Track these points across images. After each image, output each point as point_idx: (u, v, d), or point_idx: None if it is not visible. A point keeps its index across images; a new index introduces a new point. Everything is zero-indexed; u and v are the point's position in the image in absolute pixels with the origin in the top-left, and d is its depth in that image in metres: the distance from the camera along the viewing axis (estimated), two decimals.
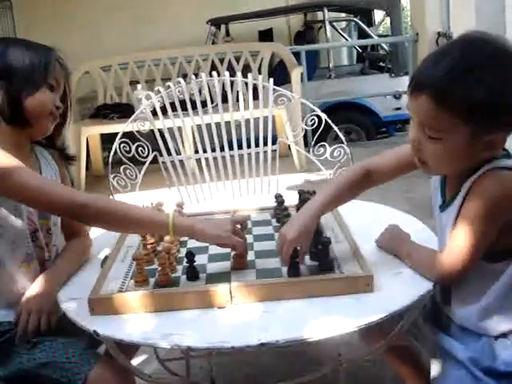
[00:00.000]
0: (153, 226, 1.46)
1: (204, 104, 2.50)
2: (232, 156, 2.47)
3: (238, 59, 5.41)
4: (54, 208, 1.44)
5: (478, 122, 1.21)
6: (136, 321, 1.28)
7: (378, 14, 8.19)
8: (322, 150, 2.34)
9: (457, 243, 1.30)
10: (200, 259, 1.46)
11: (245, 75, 2.53)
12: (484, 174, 1.27)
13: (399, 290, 1.32)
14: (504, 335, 1.34)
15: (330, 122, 2.34)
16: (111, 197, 2.28)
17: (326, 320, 1.23)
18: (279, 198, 1.77)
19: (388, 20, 7.24)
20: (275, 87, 2.42)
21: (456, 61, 1.22)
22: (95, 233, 1.74)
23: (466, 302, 1.36)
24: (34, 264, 1.56)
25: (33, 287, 1.51)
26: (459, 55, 1.23)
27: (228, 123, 2.48)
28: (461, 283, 1.35)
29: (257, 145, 2.46)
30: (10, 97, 1.50)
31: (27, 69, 1.51)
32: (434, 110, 1.22)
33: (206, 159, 2.49)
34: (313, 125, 2.37)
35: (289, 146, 4.81)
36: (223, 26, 7.08)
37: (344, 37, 7.30)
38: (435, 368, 1.49)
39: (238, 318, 1.26)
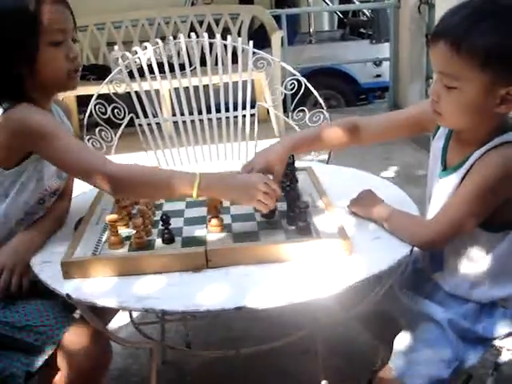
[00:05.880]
0: (180, 187, 1.36)
1: (182, 67, 2.45)
2: (210, 119, 2.44)
3: (217, 22, 5.33)
4: (87, 177, 1.39)
5: (494, 71, 1.20)
6: (110, 284, 1.26)
7: None
8: (301, 114, 2.32)
9: (449, 214, 1.30)
10: (176, 222, 1.45)
11: (224, 38, 2.48)
12: (490, 150, 1.26)
13: (377, 254, 1.32)
14: (493, 303, 1.36)
15: (309, 86, 2.31)
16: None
17: (302, 284, 1.22)
18: None
19: None
20: (255, 50, 2.38)
21: (474, 10, 1.23)
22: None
23: (459, 269, 1.38)
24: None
25: (10, 244, 1.46)
26: (477, 6, 1.24)
27: (206, 86, 2.44)
28: (456, 250, 1.36)
29: (235, 109, 2.43)
30: (8, 75, 1.40)
31: (11, 36, 1.37)
32: (450, 55, 1.22)
33: (184, 122, 2.45)
34: (292, 89, 2.34)
35: (268, 110, 4.80)
36: None
37: (325, 1, 7.21)
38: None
39: (214, 281, 1.25)
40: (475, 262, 1.36)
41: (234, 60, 2.43)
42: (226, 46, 2.44)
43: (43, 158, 1.44)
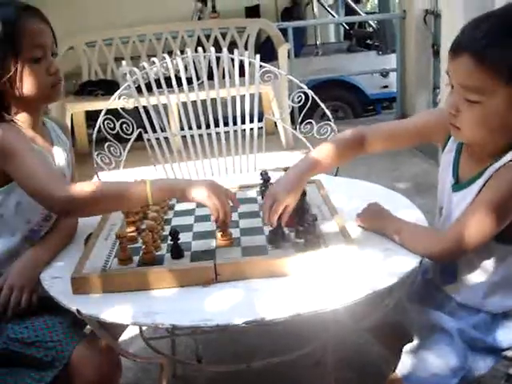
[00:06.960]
0: (133, 199, 1.37)
1: (190, 81, 2.46)
2: (218, 133, 2.45)
3: (224, 35, 5.36)
4: (38, 200, 1.38)
5: None
6: (120, 299, 1.27)
7: None
8: (308, 127, 2.32)
9: (467, 225, 1.28)
10: (185, 237, 1.45)
11: (231, 52, 2.50)
12: (507, 164, 1.25)
13: (386, 266, 1.31)
14: (504, 314, 1.35)
15: (316, 98, 2.32)
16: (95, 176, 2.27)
17: (312, 297, 1.22)
18: (265, 176, 1.75)
19: None
20: (262, 63, 2.39)
21: (496, 23, 1.22)
22: None
23: (473, 280, 1.37)
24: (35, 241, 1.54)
25: (18, 263, 1.47)
26: (500, 19, 1.23)
27: (214, 100, 2.45)
28: (470, 262, 1.35)
29: (243, 122, 2.43)
30: None
31: None
32: (473, 69, 1.20)
33: (192, 136, 2.46)
34: (300, 102, 2.34)
35: (275, 123, 4.82)
36: (209, 2, 6.98)
37: (331, 13, 7.24)
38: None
39: (223, 295, 1.25)
40: (489, 273, 1.35)
41: (241, 73, 2.44)
42: (232, 59, 2.46)
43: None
